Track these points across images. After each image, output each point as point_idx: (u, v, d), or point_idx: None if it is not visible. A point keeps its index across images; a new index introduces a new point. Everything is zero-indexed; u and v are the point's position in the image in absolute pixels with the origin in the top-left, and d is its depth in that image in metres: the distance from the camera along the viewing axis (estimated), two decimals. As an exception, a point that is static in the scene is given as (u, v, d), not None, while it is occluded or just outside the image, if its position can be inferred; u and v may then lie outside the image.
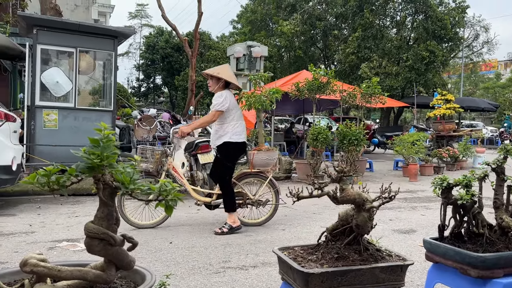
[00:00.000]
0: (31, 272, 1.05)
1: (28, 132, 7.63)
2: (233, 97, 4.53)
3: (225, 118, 4.43)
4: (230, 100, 4.43)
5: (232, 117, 4.44)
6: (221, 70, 4.57)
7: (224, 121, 4.43)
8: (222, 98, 4.37)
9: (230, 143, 4.42)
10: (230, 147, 4.43)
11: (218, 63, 23.75)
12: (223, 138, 4.43)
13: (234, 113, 4.46)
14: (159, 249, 3.80)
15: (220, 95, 4.40)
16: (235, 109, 4.48)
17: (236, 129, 4.44)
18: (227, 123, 4.43)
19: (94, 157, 1.07)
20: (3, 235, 4.19)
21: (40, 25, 7.76)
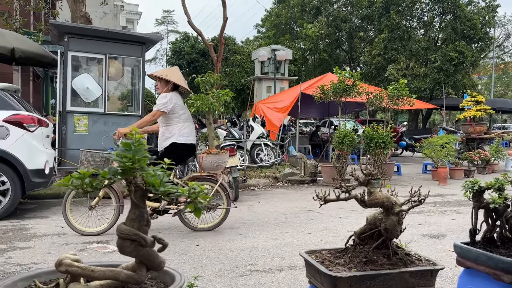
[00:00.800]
0: (66, 272, 1.09)
1: (59, 136, 7.88)
2: (179, 99, 4.53)
3: (170, 119, 4.45)
4: (175, 102, 4.43)
5: (178, 119, 4.46)
6: (169, 73, 4.59)
7: (170, 122, 4.45)
8: (166, 99, 4.39)
9: (178, 144, 4.43)
10: (178, 148, 4.43)
11: (243, 67, 23.89)
12: (170, 139, 4.45)
13: (180, 115, 4.47)
14: (186, 251, 3.84)
15: (164, 96, 4.43)
16: (181, 111, 4.49)
17: (183, 130, 4.46)
18: (173, 124, 4.45)
19: (126, 160, 1.10)
20: (36, 237, 4.33)
21: (71, 33, 8.02)
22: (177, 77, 4.54)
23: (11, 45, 8.30)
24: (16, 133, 5.15)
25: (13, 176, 5.10)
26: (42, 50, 9.50)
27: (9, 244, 4.03)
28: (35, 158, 5.30)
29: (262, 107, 12.43)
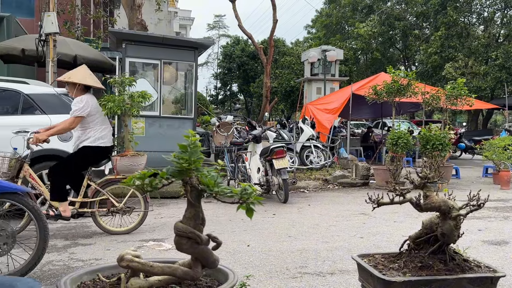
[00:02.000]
0: (127, 267, 1.16)
1: (118, 139, 8.27)
2: (95, 101, 4.39)
3: (87, 123, 4.31)
4: (91, 104, 4.29)
5: (95, 122, 4.34)
6: (72, 74, 4.38)
7: (86, 126, 4.32)
8: (83, 103, 4.22)
9: (91, 148, 4.31)
10: (90, 151, 4.32)
11: (293, 69, 23.84)
12: (84, 142, 4.33)
13: (97, 118, 4.36)
14: (237, 251, 3.90)
15: (80, 100, 4.24)
16: (98, 113, 4.37)
17: (100, 133, 4.34)
18: (89, 128, 4.32)
19: (183, 162, 1.15)
20: (96, 234, 4.57)
21: (128, 40, 8.40)
22: (81, 76, 4.33)
23: (73, 53, 8.85)
24: (79, 136, 5.46)
25: (76, 176, 5.41)
26: (102, 57, 10.04)
27: (72, 240, 4.28)
28: (96, 159, 5.58)
29: (312, 109, 12.34)
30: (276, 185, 6.55)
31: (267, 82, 16.31)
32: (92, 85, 4.39)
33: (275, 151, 6.49)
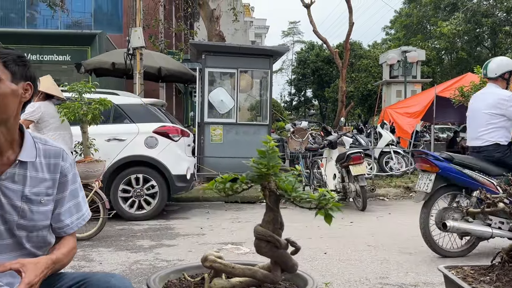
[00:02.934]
0: (210, 267, 1.21)
1: (198, 145, 8.65)
2: (50, 108, 4.58)
3: (41, 129, 4.47)
4: (43, 110, 4.47)
5: (48, 128, 4.51)
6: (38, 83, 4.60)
7: (40, 131, 4.46)
8: (34, 108, 4.42)
9: None
10: None
11: (370, 72, 23.18)
12: None
13: (51, 124, 4.52)
14: (314, 258, 3.87)
15: (32, 105, 4.43)
16: (51, 119, 4.53)
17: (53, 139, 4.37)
18: (43, 133, 4.42)
19: (262, 167, 1.18)
20: (180, 236, 4.81)
21: (208, 51, 8.77)
22: (46, 86, 4.61)
23: (158, 65, 9.44)
24: (163, 143, 5.81)
25: (160, 180, 5.75)
26: (183, 68, 10.59)
27: (157, 241, 4.54)
28: (178, 165, 5.89)
29: (391, 113, 11.87)
30: (353, 192, 6.40)
31: (342, 87, 16.03)
32: (55, 94, 4.73)
33: (352, 157, 6.35)
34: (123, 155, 5.61)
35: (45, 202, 1.35)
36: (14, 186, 1.30)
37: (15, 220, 1.30)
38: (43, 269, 1.26)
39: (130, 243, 4.41)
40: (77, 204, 1.47)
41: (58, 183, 1.40)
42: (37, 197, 1.34)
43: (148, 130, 5.77)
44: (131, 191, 5.66)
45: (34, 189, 1.33)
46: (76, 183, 1.47)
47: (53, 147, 1.41)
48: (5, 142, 1.29)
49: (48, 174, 1.37)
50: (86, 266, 3.60)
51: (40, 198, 1.34)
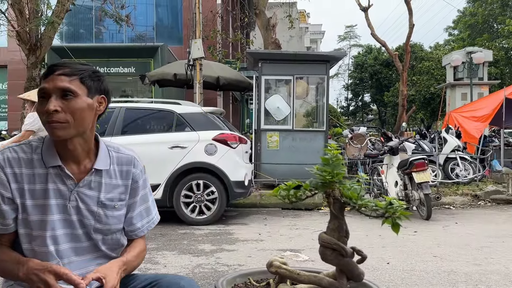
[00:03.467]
0: (275, 272, 1.23)
1: (255, 152, 8.74)
2: None
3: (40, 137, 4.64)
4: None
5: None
6: (32, 93, 4.94)
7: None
8: (32, 119, 4.65)
9: None
10: None
11: (432, 75, 22.23)
12: None
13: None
14: (376, 268, 3.77)
15: (31, 115, 4.70)
16: None
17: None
18: None
19: (326, 174, 1.19)
20: (239, 241, 4.88)
21: (264, 59, 8.88)
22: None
23: (216, 74, 9.70)
24: (222, 150, 5.95)
25: (220, 186, 5.88)
26: (240, 76, 10.79)
27: (217, 246, 4.65)
28: (237, 171, 6.00)
29: (456, 117, 11.29)
30: (417, 200, 6.15)
31: (403, 90, 15.50)
32: None
33: (415, 164, 6.11)
34: (185, 162, 5.82)
35: (119, 207, 1.45)
36: (90, 193, 1.40)
37: (92, 224, 1.40)
38: (118, 272, 1.36)
39: (192, 247, 4.55)
40: (147, 208, 1.56)
41: (130, 188, 1.48)
42: (111, 203, 1.43)
43: (208, 137, 5.93)
44: (192, 197, 5.85)
45: (108, 195, 1.43)
46: (146, 188, 1.56)
47: (125, 154, 1.50)
48: (82, 152, 1.40)
49: (121, 180, 1.46)
50: (152, 269, 3.76)
51: (114, 203, 1.43)
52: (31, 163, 1.35)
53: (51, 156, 1.36)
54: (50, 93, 1.31)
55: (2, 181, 1.32)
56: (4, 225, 1.34)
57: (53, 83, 1.31)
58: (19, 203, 1.33)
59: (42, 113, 1.32)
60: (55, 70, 1.33)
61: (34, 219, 1.34)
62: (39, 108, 1.33)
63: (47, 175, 1.35)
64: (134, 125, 6.17)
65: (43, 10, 9.03)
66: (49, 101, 1.30)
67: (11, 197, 1.33)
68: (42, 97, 1.33)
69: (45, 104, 1.31)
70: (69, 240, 1.39)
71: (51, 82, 1.32)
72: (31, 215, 1.34)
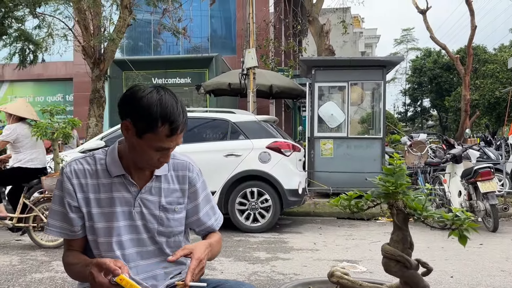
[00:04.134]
0: (337, 282, 1.22)
1: (308, 160, 8.67)
2: (25, 129, 5.16)
3: (18, 148, 5.12)
4: (18, 132, 5.09)
5: (25, 147, 5.13)
6: (8, 106, 5.52)
7: (17, 150, 5.13)
8: (9, 130, 5.08)
9: (20, 168, 5.09)
10: (21, 171, 5.09)
11: (497, 78, 20.96)
12: (17, 163, 5.12)
13: (26, 143, 5.12)
14: (439, 282, 3.59)
15: (8, 128, 5.14)
16: (26, 140, 5.12)
17: (30, 156, 5.14)
18: (21, 152, 5.12)
19: (389, 185, 1.16)
20: (294, 250, 4.85)
21: (317, 66, 8.81)
22: (15, 108, 5.27)
23: (269, 82, 9.77)
24: (275, 158, 5.97)
25: (273, 194, 5.90)
26: (293, 84, 10.80)
27: (272, 254, 4.65)
28: (290, 179, 5.99)
29: (525, 123, 10.54)
30: (483, 211, 5.80)
31: (466, 95, 14.74)
32: (25, 116, 5.27)
33: (480, 172, 5.78)
34: (240, 169, 5.89)
35: (179, 210, 1.52)
36: (152, 198, 1.48)
37: (156, 227, 1.48)
38: (205, 249, 1.45)
39: (248, 254, 4.58)
40: (212, 208, 1.64)
41: (188, 192, 1.55)
42: (171, 206, 1.50)
43: (261, 145, 5.98)
44: (247, 204, 5.91)
45: (168, 199, 1.50)
46: (206, 189, 1.62)
47: (180, 160, 1.57)
48: None
49: (178, 185, 1.53)
50: (210, 275, 3.84)
51: (173, 206, 1.51)
52: (96, 174, 1.45)
53: (115, 166, 1.45)
54: (170, 149, 1.40)
55: (69, 191, 1.43)
56: (72, 231, 1.44)
57: (176, 142, 1.39)
58: (85, 211, 1.43)
59: (154, 160, 1.39)
60: (178, 130, 1.36)
61: (100, 226, 1.43)
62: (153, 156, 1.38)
63: (112, 184, 1.45)
64: (191, 134, 6.35)
65: (106, 26, 9.58)
66: (167, 155, 1.41)
67: (78, 205, 1.43)
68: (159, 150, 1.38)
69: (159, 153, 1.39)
70: (135, 244, 1.46)
71: (175, 142, 1.38)
72: (97, 222, 1.43)
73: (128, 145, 1.43)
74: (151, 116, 1.30)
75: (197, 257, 1.38)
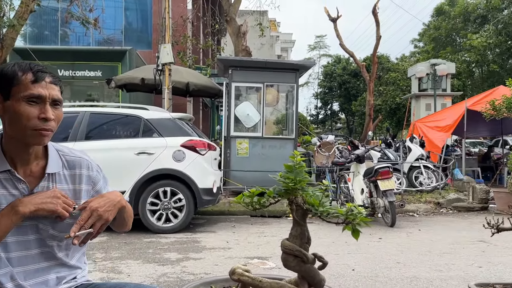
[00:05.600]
0: (238, 280, 1.22)
1: (224, 159, 8.70)
2: None
3: None
4: None
5: None
6: None
7: None
8: None
9: None
10: None
11: (398, 85, 22.87)
12: None
13: None
14: (341, 275, 3.81)
15: None
16: None
17: None
18: None
19: (289, 181, 1.19)
20: (206, 249, 4.83)
21: (234, 66, 8.89)
22: None
23: (186, 80, 9.62)
24: (190, 156, 5.88)
25: (187, 194, 5.81)
26: (210, 83, 10.75)
27: (184, 254, 4.58)
28: (205, 178, 5.95)
29: (421, 127, 11.64)
30: (382, 208, 6.28)
31: (370, 100, 15.87)
32: None
33: (380, 172, 6.25)
34: (152, 168, 5.71)
35: (75, 213, 1.39)
36: None
37: (48, 230, 1.35)
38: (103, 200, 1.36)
39: (158, 256, 4.46)
40: None
41: (92, 191, 1.46)
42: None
43: (176, 144, 5.86)
44: (159, 204, 5.74)
45: None
46: (108, 186, 1.54)
47: (75, 157, 1.46)
48: (34, 155, 1.36)
49: (72, 185, 1.42)
50: (115, 278, 3.66)
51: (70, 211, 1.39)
52: None
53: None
54: (46, 100, 1.29)
55: None
56: None
57: (48, 91, 1.29)
58: None
59: (33, 118, 1.27)
60: (45, 76, 1.30)
61: None
62: (29, 111, 1.26)
63: None
64: (99, 130, 6.02)
65: (6, 11, 8.70)
66: (46, 109, 1.28)
67: None
68: (33, 102, 1.28)
69: (37, 109, 1.28)
70: (22, 247, 1.33)
71: (46, 90, 1.29)
72: None
73: (5, 124, 1.30)
74: (9, 73, 1.28)
75: (89, 207, 1.30)
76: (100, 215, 1.31)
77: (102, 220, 1.31)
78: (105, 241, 5.08)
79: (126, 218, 1.50)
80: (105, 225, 1.33)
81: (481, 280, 3.63)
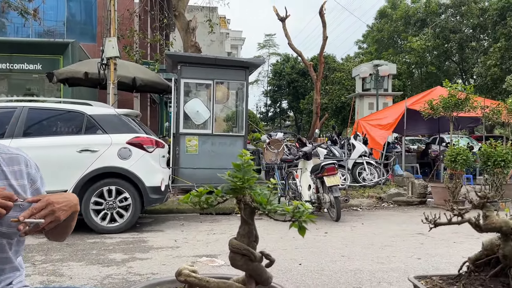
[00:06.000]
0: (184, 281, 1.21)
1: (173, 156, 8.57)
2: None
3: None
4: None
5: None
6: None
7: None
8: None
9: None
10: None
11: (343, 85, 23.62)
12: None
13: None
14: (288, 269, 3.88)
15: None
16: None
17: None
18: None
19: (237, 180, 1.19)
20: (153, 249, 4.73)
21: (183, 62, 8.75)
22: None
23: (132, 75, 9.34)
24: (137, 154, 5.73)
25: (134, 192, 5.66)
26: (159, 78, 10.51)
27: (130, 255, 4.46)
28: (152, 176, 5.82)
29: (364, 125, 12.12)
30: (328, 203, 6.47)
31: (317, 99, 16.26)
32: None
33: (326, 168, 6.43)
34: (95, 166, 5.50)
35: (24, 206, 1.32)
36: None
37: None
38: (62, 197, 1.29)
39: (102, 257, 4.31)
40: None
41: (31, 189, 1.40)
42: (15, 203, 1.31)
43: (121, 141, 5.68)
44: (103, 204, 5.55)
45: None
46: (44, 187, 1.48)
47: (13, 154, 1.41)
48: None
49: (15, 180, 1.37)
50: (56, 281, 3.49)
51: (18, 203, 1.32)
52: None
53: None
54: None
55: None
56: None
57: None
58: None
59: None
60: None
61: None
62: None
63: None
64: (39, 127, 5.71)
65: None
66: None
67: None
68: None
69: None
70: None
71: None
72: None
73: None
74: None
75: (46, 199, 1.24)
76: (53, 211, 1.25)
77: (54, 216, 1.25)
78: (45, 242, 4.83)
79: (70, 226, 1.44)
80: (54, 223, 1.26)
81: (420, 272, 3.85)
